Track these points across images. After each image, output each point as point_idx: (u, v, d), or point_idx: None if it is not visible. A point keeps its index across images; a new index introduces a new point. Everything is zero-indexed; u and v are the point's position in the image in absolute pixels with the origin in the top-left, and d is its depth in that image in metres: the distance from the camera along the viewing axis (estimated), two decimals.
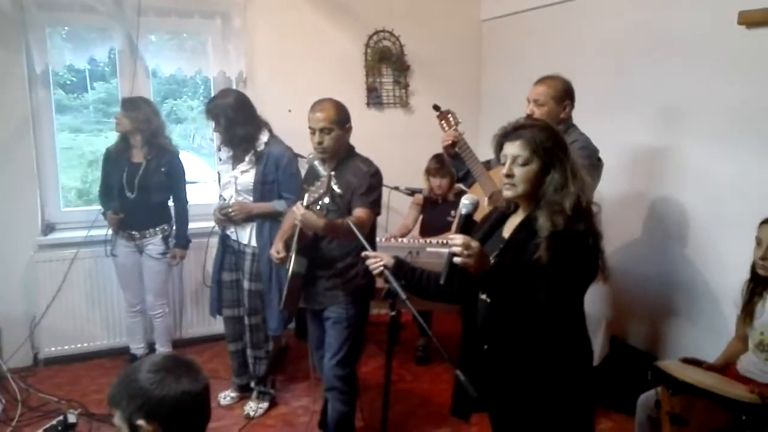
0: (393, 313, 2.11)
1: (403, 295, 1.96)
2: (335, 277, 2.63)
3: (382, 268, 2.02)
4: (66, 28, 3.87)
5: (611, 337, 3.56)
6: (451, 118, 3.05)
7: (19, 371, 3.72)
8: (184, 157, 3.68)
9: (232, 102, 3.11)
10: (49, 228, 3.93)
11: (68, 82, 4.44)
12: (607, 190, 3.55)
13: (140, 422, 1.39)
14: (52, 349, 3.86)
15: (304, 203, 2.34)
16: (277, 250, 2.69)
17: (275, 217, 3.12)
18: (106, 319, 3.94)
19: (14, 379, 3.47)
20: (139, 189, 3.46)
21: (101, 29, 3.83)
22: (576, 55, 3.83)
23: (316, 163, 2.48)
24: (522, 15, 4.36)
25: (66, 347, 3.88)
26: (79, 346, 3.91)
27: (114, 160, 3.56)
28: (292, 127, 3.48)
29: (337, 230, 2.49)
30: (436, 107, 3.10)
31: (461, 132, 3.00)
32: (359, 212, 2.54)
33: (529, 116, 2.83)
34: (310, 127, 2.61)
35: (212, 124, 3.14)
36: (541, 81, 2.89)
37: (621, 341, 3.55)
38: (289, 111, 4.10)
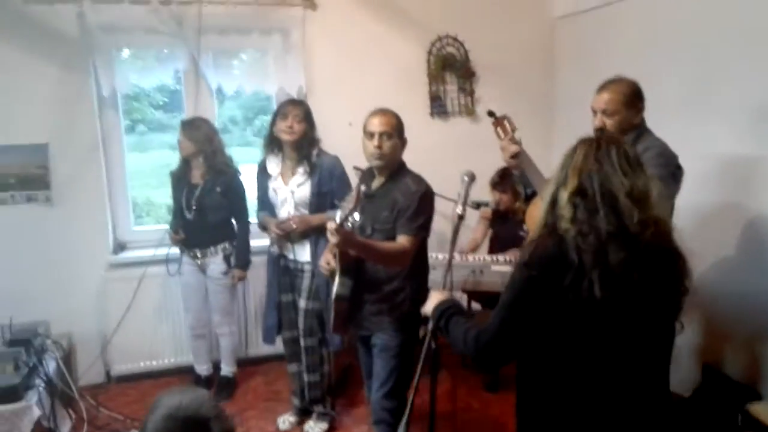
0: (435, 346, 1.94)
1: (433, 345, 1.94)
2: (381, 301, 2.46)
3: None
4: (131, 50, 3.96)
5: (703, 364, 3.17)
6: (507, 124, 2.81)
7: (92, 388, 3.81)
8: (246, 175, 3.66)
9: None
10: (120, 247, 4.02)
11: (161, 103, 4.65)
12: (693, 202, 3.18)
13: None
14: (123, 366, 3.92)
15: (338, 220, 2.18)
16: (326, 261, 2.56)
17: None
18: (174, 337, 3.97)
19: (82, 397, 3.55)
20: (197, 210, 3.47)
21: (167, 51, 3.89)
22: (657, 51, 3.48)
23: (466, 179, 2.18)
24: (599, 10, 4.02)
25: (136, 365, 3.93)
26: (148, 363, 3.96)
27: (176, 182, 3.60)
28: (353, 141, 3.36)
29: (376, 253, 2.34)
30: (490, 113, 2.85)
31: (519, 139, 2.74)
32: (402, 239, 2.37)
33: (600, 129, 2.54)
34: (368, 132, 2.47)
35: (296, 118, 3.03)
36: (605, 88, 2.56)
37: (716, 369, 3.14)
38: (350, 124, 3.98)
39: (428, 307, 1.86)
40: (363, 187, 2.13)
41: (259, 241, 3.75)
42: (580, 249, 1.44)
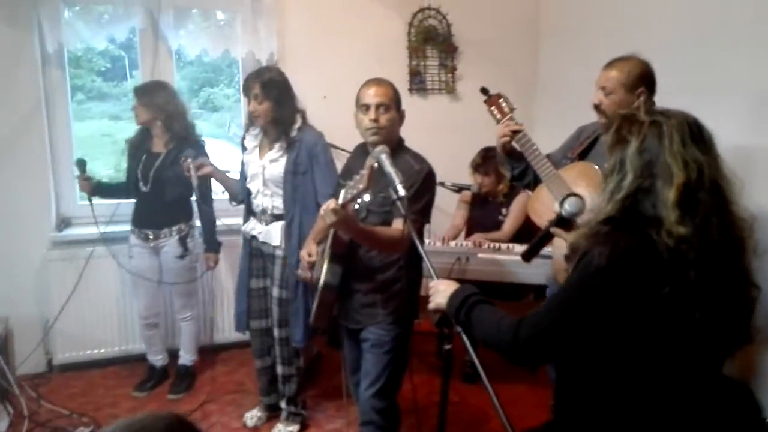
0: (448, 347, 1.71)
1: (458, 328, 1.57)
2: (375, 291, 2.22)
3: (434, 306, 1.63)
4: (80, 5, 3.55)
5: None
6: (503, 104, 2.59)
7: (32, 378, 3.46)
8: (217, 146, 3.34)
9: (284, 77, 2.77)
10: (64, 223, 3.62)
11: (103, 69, 4.28)
12: None
13: None
14: (67, 354, 3.54)
15: (340, 201, 1.92)
16: (308, 252, 2.30)
17: (305, 214, 2.73)
18: (124, 323, 3.61)
19: (23, 389, 3.19)
20: (154, 182, 3.12)
21: (121, 6, 3.48)
22: (651, 29, 3.29)
23: (383, 156, 1.92)
24: None
25: (81, 353, 3.56)
26: (95, 351, 3.59)
27: (134, 151, 3.23)
28: (327, 115, 3.11)
29: (374, 239, 2.09)
30: (484, 90, 2.63)
31: (521, 123, 2.54)
32: (400, 224, 2.08)
33: (596, 106, 2.38)
34: (362, 104, 2.20)
35: (256, 98, 2.68)
36: (612, 64, 2.39)
37: None
38: (324, 97, 3.74)
39: (440, 299, 1.59)
40: (376, 165, 1.86)
41: (226, 220, 3.45)
42: (682, 264, 1.25)
